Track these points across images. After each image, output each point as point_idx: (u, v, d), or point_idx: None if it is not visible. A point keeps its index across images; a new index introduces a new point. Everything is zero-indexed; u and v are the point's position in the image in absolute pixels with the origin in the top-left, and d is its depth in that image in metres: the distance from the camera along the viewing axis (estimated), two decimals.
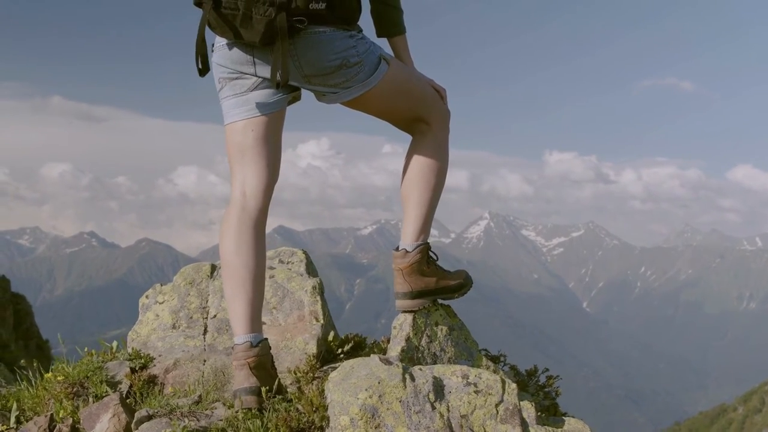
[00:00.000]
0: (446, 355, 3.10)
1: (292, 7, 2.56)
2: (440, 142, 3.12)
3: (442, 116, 3.12)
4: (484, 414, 2.55)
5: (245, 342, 2.72)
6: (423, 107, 3.06)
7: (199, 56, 2.74)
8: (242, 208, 2.84)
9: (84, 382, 3.02)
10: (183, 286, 3.58)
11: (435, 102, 3.10)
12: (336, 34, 2.73)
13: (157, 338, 3.39)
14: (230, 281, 2.79)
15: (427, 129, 3.10)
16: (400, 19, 3.01)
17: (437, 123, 3.10)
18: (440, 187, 3.14)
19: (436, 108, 3.10)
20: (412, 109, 3.06)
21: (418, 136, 3.13)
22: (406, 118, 3.10)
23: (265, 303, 3.39)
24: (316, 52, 2.72)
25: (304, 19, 2.61)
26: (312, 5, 2.59)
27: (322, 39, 2.71)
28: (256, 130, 2.84)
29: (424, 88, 3.07)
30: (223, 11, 2.60)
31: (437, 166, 3.11)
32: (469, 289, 3.27)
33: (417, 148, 3.12)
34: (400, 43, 3.06)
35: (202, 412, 2.68)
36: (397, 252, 3.13)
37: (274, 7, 2.54)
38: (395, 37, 3.05)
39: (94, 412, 2.66)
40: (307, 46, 2.70)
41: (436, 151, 3.10)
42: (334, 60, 2.75)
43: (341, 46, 2.74)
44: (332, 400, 2.50)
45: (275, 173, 2.93)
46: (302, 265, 3.63)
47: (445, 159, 3.14)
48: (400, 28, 3.03)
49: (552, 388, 3.48)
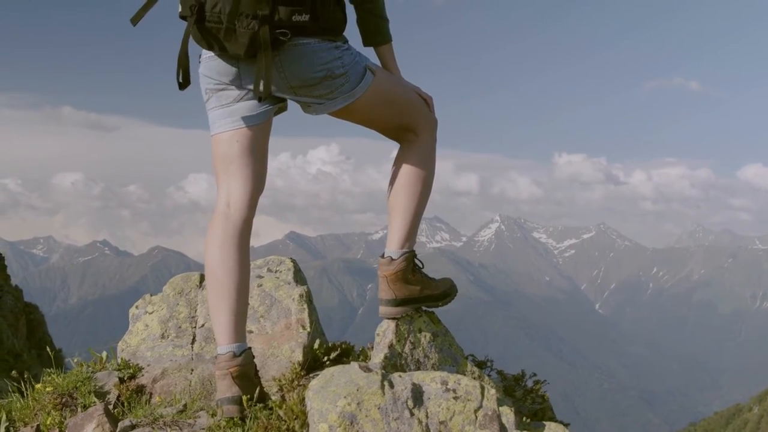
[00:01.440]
0: (430, 361, 3.13)
1: (275, 20, 2.58)
2: (427, 150, 3.15)
3: (428, 125, 3.15)
4: (463, 420, 2.57)
5: (228, 352, 2.75)
6: (409, 116, 3.09)
7: (180, 70, 2.77)
8: (226, 219, 2.87)
9: (73, 392, 3.06)
10: (172, 296, 3.62)
11: (421, 111, 3.13)
12: (321, 45, 2.75)
13: (146, 348, 3.43)
14: (214, 291, 2.82)
15: (414, 138, 3.13)
16: (386, 29, 3.03)
17: (424, 132, 3.13)
18: (426, 196, 3.17)
19: (422, 117, 3.12)
20: (398, 119, 3.09)
21: (405, 145, 3.16)
22: (392, 127, 3.13)
23: (253, 311, 3.43)
24: (301, 64, 2.75)
25: (288, 31, 2.63)
26: (295, 17, 2.61)
27: (307, 50, 2.73)
28: (241, 141, 2.87)
29: (410, 97, 3.10)
30: (207, 25, 2.62)
31: (423, 175, 3.14)
32: (453, 297, 3.30)
33: (404, 156, 3.15)
34: (387, 52, 3.09)
35: (185, 421, 2.72)
36: (383, 259, 3.16)
37: (257, 20, 2.57)
38: (381, 47, 3.07)
39: (79, 422, 2.71)
40: (292, 58, 2.73)
41: (423, 159, 3.13)
42: (320, 71, 2.77)
43: (326, 57, 2.77)
44: (312, 408, 2.52)
45: (260, 184, 2.96)
46: (290, 274, 3.67)
47: (431, 168, 3.17)
48: (386, 37, 3.05)
49: (539, 393, 3.50)
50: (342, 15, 2.85)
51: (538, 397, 3.52)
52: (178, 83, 2.78)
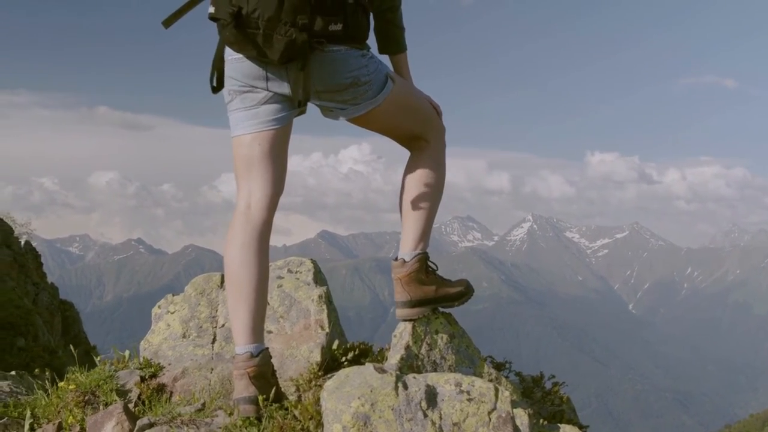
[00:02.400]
0: (447, 362, 3.14)
1: (314, 29, 2.65)
2: (438, 156, 3.22)
3: (439, 132, 3.23)
4: (477, 421, 2.58)
5: (246, 352, 2.79)
6: (422, 124, 3.17)
7: (215, 72, 2.83)
8: (247, 221, 2.91)
9: (95, 390, 3.13)
10: (194, 296, 3.68)
11: (433, 119, 3.21)
12: (350, 53, 2.82)
13: (168, 347, 3.49)
14: (234, 292, 2.86)
15: (425, 145, 3.20)
16: (403, 38, 3.11)
17: (435, 139, 3.21)
18: (438, 200, 3.23)
19: (434, 125, 3.21)
20: (412, 126, 3.16)
21: (417, 152, 3.23)
22: (406, 134, 3.20)
23: (273, 312, 3.48)
24: (330, 70, 2.81)
25: (324, 40, 2.70)
26: (331, 27, 2.68)
27: (338, 57, 2.80)
28: (263, 144, 2.91)
29: (423, 105, 3.18)
30: (245, 30, 2.66)
31: (434, 180, 3.20)
32: (470, 297, 3.32)
33: (415, 162, 3.22)
34: (402, 61, 3.17)
35: (202, 420, 2.76)
36: (396, 262, 3.20)
37: (296, 28, 2.62)
38: (397, 55, 3.15)
39: (99, 420, 2.76)
40: (321, 64, 2.78)
41: (434, 165, 3.21)
42: (347, 78, 2.84)
43: (355, 65, 2.84)
44: (326, 408, 2.55)
45: (280, 186, 3.00)
46: (310, 275, 3.70)
47: (442, 173, 3.24)
48: (402, 46, 3.13)
49: (558, 395, 3.50)
50: (367, 24, 2.91)
51: (557, 398, 3.51)
52: (211, 86, 2.83)
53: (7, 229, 22.49)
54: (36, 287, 20.97)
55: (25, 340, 15.46)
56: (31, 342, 15.74)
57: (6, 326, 15.23)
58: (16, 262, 20.47)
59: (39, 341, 16.09)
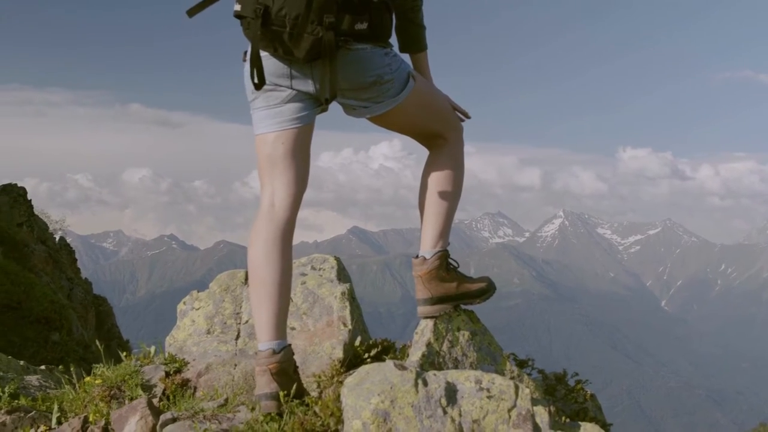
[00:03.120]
0: (468, 360, 3.15)
1: (341, 28, 2.68)
2: (456, 155, 3.23)
3: (457, 131, 3.23)
4: (496, 419, 2.58)
5: (268, 349, 2.82)
6: (441, 122, 3.18)
7: (255, 70, 2.84)
8: (270, 219, 2.93)
9: (121, 385, 3.17)
10: (218, 292, 3.72)
11: (451, 117, 3.22)
12: (374, 51, 2.84)
13: (193, 343, 3.53)
14: (257, 290, 2.89)
15: (443, 143, 3.21)
16: (424, 36, 3.13)
17: (453, 137, 3.22)
18: (457, 198, 3.23)
19: (452, 123, 3.21)
20: (431, 124, 3.17)
21: (436, 150, 3.24)
22: (425, 132, 3.21)
23: (296, 308, 3.50)
24: (355, 68, 2.82)
25: (350, 38, 2.73)
26: (357, 26, 2.71)
27: (362, 56, 2.82)
28: (286, 142, 2.92)
29: (442, 104, 3.19)
30: (271, 28, 2.69)
31: (453, 178, 3.21)
32: (492, 294, 3.31)
33: (434, 161, 3.23)
34: (422, 59, 3.18)
35: (224, 415, 2.79)
36: (416, 259, 3.21)
37: (323, 27, 2.65)
38: (418, 54, 3.16)
39: (124, 415, 2.81)
40: (345, 62, 2.80)
41: (453, 163, 3.21)
42: (371, 76, 2.86)
43: (378, 63, 2.86)
44: (346, 405, 2.56)
45: (303, 184, 3.01)
46: (333, 272, 3.72)
47: (460, 172, 3.25)
48: (423, 44, 3.15)
49: (581, 393, 3.48)
50: (391, 23, 2.93)
51: (580, 396, 3.50)
52: (254, 84, 2.84)
53: (42, 225, 22.82)
54: (70, 282, 21.22)
55: (59, 335, 15.65)
56: (66, 336, 15.94)
57: (41, 321, 15.42)
58: (51, 258, 20.75)
59: (73, 336, 16.28)
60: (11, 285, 15.33)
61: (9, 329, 14.24)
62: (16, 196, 21.50)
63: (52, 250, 21.56)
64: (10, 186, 21.69)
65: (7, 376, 3.64)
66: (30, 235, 20.63)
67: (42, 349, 14.34)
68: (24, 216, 21.26)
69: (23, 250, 18.95)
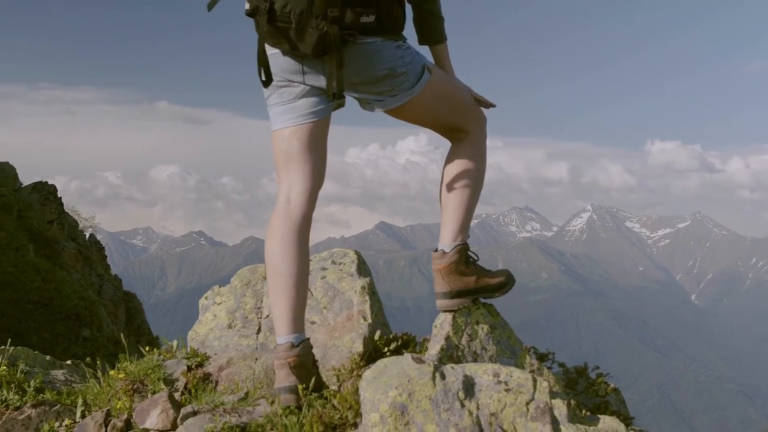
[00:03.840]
0: (487, 353, 3.15)
1: (345, 22, 2.68)
2: (478, 148, 3.20)
3: (479, 123, 3.20)
4: (514, 412, 2.58)
5: (286, 342, 2.84)
6: (461, 115, 3.15)
7: (261, 68, 2.87)
8: (287, 214, 2.95)
9: (144, 379, 3.22)
10: (239, 287, 3.75)
11: (473, 109, 3.19)
12: (384, 44, 2.84)
13: (214, 337, 3.57)
14: (274, 284, 2.91)
15: (465, 136, 3.19)
16: (442, 27, 3.09)
17: (475, 129, 3.19)
18: (477, 191, 3.21)
19: (474, 115, 3.19)
20: (451, 117, 3.15)
21: (457, 143, 3.22)
22: (445, 125, 3.19)
23: (316, 303, 3.52)
24: (365, 62, 2.83)
25: (356, 32, 2.73)
26: (363, 19, 2.71)
27: (372, 49, 2.82)
28: (301, 137, 2.94)
29: (462, 96, 3.16)
30: (277, 24, 2.72)
31: (474, 171, 3.19)
32: (511, 288, 3.30)
33: (455, 154, 3.21)
34: (442, 51, 3.15)
35: (244, 409, 2.81)
36: (436, 253, 3.21)
37: (327, 21, 2.66)
38: (437, 45, 3.13)
39: (145, 408, 2.85)
40: (355, 56, 2.80)
41: (474, 156, 3.19)
42: (382, 69, 2.85)
43: (389, 56, 2.85)
44: (364, 398, 2.57)
45: (320, 179, 3.03)
46: (354, 266, 3.73)
47: (482, 164, 3.23)
48: (442, 36, 3.11)
49: (602, 386, 3.47)
50: (402, 14, 2.92)
51: (601, 389, 3.48)
52: (261, 81, 2.88)
53: (72, 222, 23.10)
54: (100, 279, 21.43)
55: (90, 331, 15.83)
56: (96, 332, 16.12)
57: (72, 317, 15.61)
58: (81, 255, 20.97)
59: (103, 332, 16.46)
60: (42, 282, 15.54)
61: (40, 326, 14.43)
62: (47, 194, 21.76)
63: (83, 247, 21.80)
64: (40, 184, 21.97)
65: (33, 371, 3.70)
66: (60, 233, 20.88)
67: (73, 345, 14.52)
68: (54, 213, 21.51)
69: (54, 248, 19.18)
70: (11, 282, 14.77)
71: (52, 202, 21.72)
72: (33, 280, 15.32)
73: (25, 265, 15.93)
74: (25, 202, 20.66)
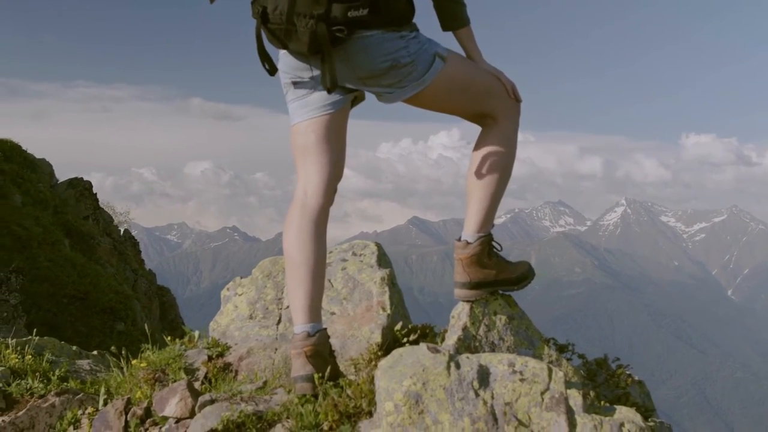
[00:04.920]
0: (505, 344, 3.14)
1: (330, 18, 2.66)
2: (506, 136, 3.12)
3: (508, 110, 3.11)
4: (529, 401, 2.58)
5: (303, 331, 2.87)
6: (486, 102, 3.07)
7: (264, 62, 2.90)
8: (303, 206, 2.98)
9: (165, 368, 3.27)
10: (261, 278, 3.79)
11: (500, 96, 3.09)
12: (385, 36, 2.80)
13: (235, 328, 3.61)
14: (291, 274, 2.94)
15: (492, 123, 3.11)
16: (461, 12, 3.02)
17: (503, 117, 3.10)
18: (504, 181, 3.15)
19: (500, 102, 3.09)
20: (474, 105, 3.08)
21: (485, 130, 3.15)
22: (470, 112, 3.13)
23: (336, 293, 3.55)
24: (366, 55, 2.81)
25: (344, 27, 2.69)
26: (351, 13, 2.67)
27: (371, 42, 2.79)
28: (316, 131, 2.96)
29: (486, 83, 3.07)
30: (270, 26, 2.75)
31: (501, 160, 3.12)
32: (530, 281, 3.28)
33: (482, 141, 3.15)
34: (465, 36, 3.08)
35: (261, 397, 2.85)
36: (459, 242, 3.19)
37: (314, 19, 2.66)
38: (459, 31, 3.07)
39: (165, 396, 2.90)
40: (357, 50, 2.79)
41: (501, 145, 3.11)
42: (385, 62, 2.82)
43: (391, 47, 2.81)
44: (379, 387, 2.59)
45: (336, 172, 3.04)
46: (374, 257, 3.75)
47: (509, 153, 3.14)
48: (462, 21, 3.04)
49: (622, 378, 3.45)
50: (406, 4, 2.87)
51: (622, 381, 3.46)
52: (266, 71, 2.90)
53: (107, 218, 23.41)
54: (135, 274, 21.69)
55: (124, 325, 16.04)
56: (130, 326, 16.32)
57: (106, 311, 15.82)
58: (115, 250, 21.25)
59: (137, 326, 16.66)
60: (78, 276, 15.77)
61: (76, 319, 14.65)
62: (82, 190, 22.08)
63: (117, 242, 22.09)
64: (76, 180, 22.30)
65: (59, 360, 3.77)
66: (96, 228, 21.18)
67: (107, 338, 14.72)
68: (90, 209, 21.82)
69: (89, 242, 19.46)
70: (48, 276, 15.00)
71: (88, 198, 22.04)
72: (69, 275, 15.55)
73: (61, 259, 16.18)
74: (61, 198, 20.98)
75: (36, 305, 13.67)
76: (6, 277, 11.50)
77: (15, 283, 11.67)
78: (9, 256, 14.01)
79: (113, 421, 2.88)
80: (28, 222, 16.46)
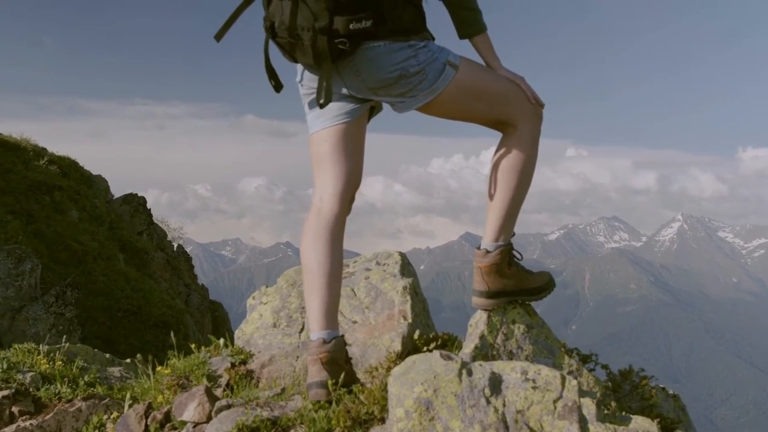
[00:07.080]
0: (524, 352, 3.13)
1: (332, 31, 2.69)
2: (525, 143, 3.08)
3: (527, 117, 3.06)
4: (541, 409, 2.57)
5: (319, 338, 2.90)
6: (503, 109, 3.04)
7: (271, 79, 2.96)
8: (318, 214, 3.02)
9: (189, 375, 3.33)
10: (285, 287, 3.85)
11: (518, 103, 3.04)
12: (392, 46, 2.81)
13: (259, 336, 3.66)
14: (307, 282, 2.98)
15: (513, 131, 3.07)
16: (477, 20, 3.00)
17: (523, 124, 3.06)
18: (523, 189, 3.12)
19: (519, 109, 3.04)
20: (490, 112, 3.05)
21: (505, 136, 3.11)
22: (487, 120, 3.09)
23: (359, 303, 3.58)
24: (374, 66, 2.83)
25: (345, 40, 2.72)
26: (353, 26, 2.69)
27: (379, 53, 2.81)
28: (330, 140, 3.01)
29: (502, 90, 3.03)
30: (278, 40, 2.81)
31: (520, 168, 3.08)
32: (550, 292, 3.26)
33: (501, 148, 3.12)
34: (480, 43, 3.05)
35: (276, 403, 2.89)
36: (479, 251, 3.18)
37: (316, 32, 2.70)
38: (475, 38, 3.04)
39: (184, 401, 2.96)
40: (365, 61, 2.82)
41: (520, 151, 3.07)
42: (393, 72, 2.84)
43: (399, 57, 2.82)
44: (391, 393, 2.60)
45: (352, 180, 3.06)
46: (397, 267, 3.77)
47: (529, 160, 3.10)
48: (478, 28, 3.02)
49: (646, 389, 3.40)
50: (415, 14, 2.88)
51: (646, 392, 3.41)
52: (272, 87, 2.97)
53: (161, 233, 23.83)
54: (187, 288, 21.97)
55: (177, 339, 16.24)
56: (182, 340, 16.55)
57: (159, 325, 16.05)
58: (169, 265, 21.59)
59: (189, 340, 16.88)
60: (132, 291, 16.05)
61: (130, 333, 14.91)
62: (137, 206, 22.52)
63: (171, 257, 22.43)
64: (130, 196, 22.77)
65: (89, 367, 3.87)
66: (150, 243, 21.55)
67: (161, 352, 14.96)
68: (144, 224, 22.23)
69: (143, 257, 19.80)
70: (102, 290, 15.29)
71: (142, 214, 22.47)
72: (123, 289, 15.83)
73: (116, 274, 16.48)
74: (116, 213, 21.42)
75: (91, 319, 13.94)
76: (62, 291, 11.76)
77: (71, 297, 11.93)
78: (65, 271, 14.33)
79: (134, 425, 2.95)
80: (84, 237, 16.82)
